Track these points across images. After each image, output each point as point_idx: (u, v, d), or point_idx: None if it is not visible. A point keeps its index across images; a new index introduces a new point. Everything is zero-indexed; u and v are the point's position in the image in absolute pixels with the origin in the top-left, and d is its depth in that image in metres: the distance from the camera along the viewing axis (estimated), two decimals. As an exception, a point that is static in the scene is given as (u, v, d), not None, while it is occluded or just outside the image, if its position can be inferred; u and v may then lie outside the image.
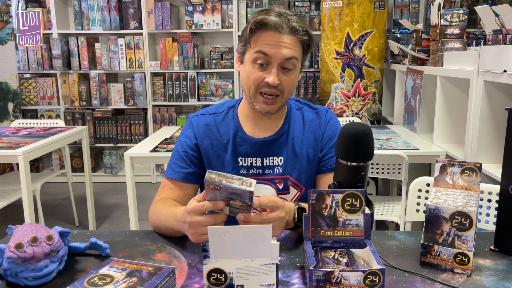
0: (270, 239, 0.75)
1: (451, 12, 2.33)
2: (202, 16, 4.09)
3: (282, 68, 1.13)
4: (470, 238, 0.88)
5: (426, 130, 2.58)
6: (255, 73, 1.14)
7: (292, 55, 1.12)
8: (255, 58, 1.13)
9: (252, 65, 1.14)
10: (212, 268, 0.77)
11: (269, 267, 0.77)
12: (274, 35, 1.11)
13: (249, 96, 1.18)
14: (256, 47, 1.13)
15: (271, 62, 1.12)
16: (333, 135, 1.25)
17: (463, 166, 0.99)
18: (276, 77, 1.12)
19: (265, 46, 1.11)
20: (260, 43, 1.12)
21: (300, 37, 1.14)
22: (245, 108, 1.26)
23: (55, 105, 4.36)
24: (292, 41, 1.12)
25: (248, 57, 1.15)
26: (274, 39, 1.11)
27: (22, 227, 0.90)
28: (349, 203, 0.88)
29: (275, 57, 1.11)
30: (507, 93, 1.83)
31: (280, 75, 1.13)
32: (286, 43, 1.12)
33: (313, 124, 1.27)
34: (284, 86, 1.14)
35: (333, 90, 3.24)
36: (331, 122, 1.27)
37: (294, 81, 1.17)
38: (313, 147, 1.25)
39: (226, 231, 0.75)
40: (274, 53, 1.11)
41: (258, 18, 1.11)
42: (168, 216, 1.09)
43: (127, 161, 2.20)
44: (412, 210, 1.48)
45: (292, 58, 1.12)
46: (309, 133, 1.26)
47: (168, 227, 1.08)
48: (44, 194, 3.90)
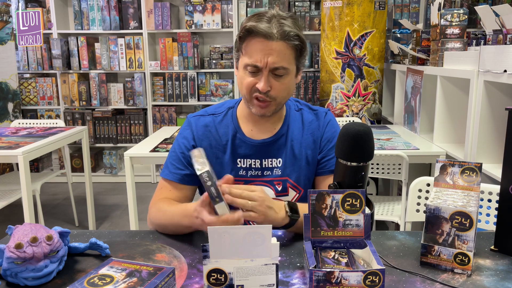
0: (270, 239, 0.75)
1: (451, 12, 2.33)
2: (202, 16, 4.09)
3: (274, 74, 1.12)
4: (470, 238, 0.88)
5: (426, 130, 2.58)
6: (247, 79, 1.14)
7: (280, 64, 1.11)
8: (245, 65, 1.13)
9: (244, 71, 1.15)
10: (212, 268, 0.77)
11: (269, 267, 0.77)
12: (263, 42, 1.09)
13: (245, 100, 1.19)
14: (246, 55, 1.13)
15: (260, 69, 1.12)
16: (332, 137, 1.25)
17: (463, 166, 0.99)
18: (266, 84, 1.11)
19: (254, 54, 1.11)
20: (249, 50, 1.12)
21: (291, 43, 1.11)
22: (244, 109, 1.25)
23: (55, 105, 4.36)
24: (282, 47, 1.10)
25: (241, 64, 1.16)
26: (262, 47, 1.10)
27: (22, 227, 0.90)
28: (349, 203, 0.88)
29: (264, 65, 1.10)
30: (507, 93, 1.83)
31: (272, 81, 1.13)
32: (274, 50, 1.10)
33: (312, 126, 1.26)
34: (275, 92, 1.14)
35: (333, 90, 3.23)
36: (330, 124, 1.27)
37: (287, 86, 1.16)
38: (312, 149, 1.24)
39: (226, 231, 0.75)
40: (263, 62, 1.10)
41: (247, 26, 1.10)
42: (175, 213, 1.11)
43: (127, 161, 2.20)
44: (412, 210, 1.48)
45: (281, 67, 1.11)
46: (308, 135, 1.25)
47: (176, 224, 1.10)
48: (44, 194, 3.90)
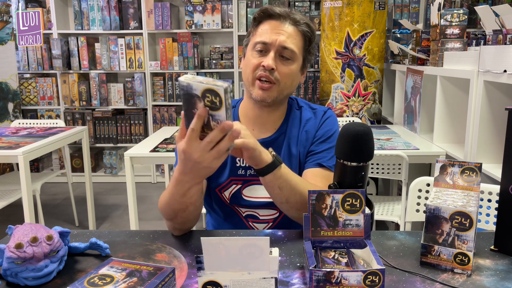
0: (268, 252, 0.72)
1: (451, 12, 2.33)
2: (202, 16, 4.09)
3: (281, 56, 1.15)
4: (470, 238, 0.88)
5: (426, 130, 2.58)
6: (253, 59, 1.16)
7: (289, 45, 1.14)
8: (254, 44, 1.17)
9: (251, 53, 1.18)
10: (207, 281, 0.74)
11: (268, 281, 0.73)
12: (275, 23, 1.16)
13: (248, 85, 1.19)
14: (256, 35, 1.17)
15: (269, 48, 1.15)
16: (325, 133, 1.23)
17: (463, 166, 0.99)
18: (273, 61, 1.13)
19: (264, 33, 1.16)
20: (261, 30, 1.17)
21: (301, 28, 1.17)
22: (246, 108, 1.26)
23: (55, 105, 4.36)
24: (293, 32, 1.16)
25: (250, 45, 1.19)
26: (274, 27, 1.16)
27: (22, 227, 0.90)
28: (349, 203, 0.88)
29: (273, 43, 1.14)
30: (507, 93, 1.83)
31: (278, 63, 1.15)
32: (286, 32, 1.15)
33: (309, 123, 1.25)
34: (280, 75, 1.15)
35: (333, 90, 3.23)
36: (326, 121, 1.26)
37: (292, 73, 1.17)
38: (304, 146, 1.24)
39: (220, 242, 0.72)
40: (272, 39, 1.14)
41: (263, 8, 1.18)
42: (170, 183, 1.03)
43: (127, 161, 2.20)
44: (412, 210, 1.48)
45: (289, 48, 1.14)
46: (304, 133, 1.24)
47: (174, 192, 1.00)
48: (44, 194, 3.90)
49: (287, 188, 1.05)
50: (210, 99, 0.82)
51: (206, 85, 0.81)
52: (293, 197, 1.06)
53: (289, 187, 1.05)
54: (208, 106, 0.83)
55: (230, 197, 1.23)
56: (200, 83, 0.81)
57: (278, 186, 1.04)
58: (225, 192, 1.23)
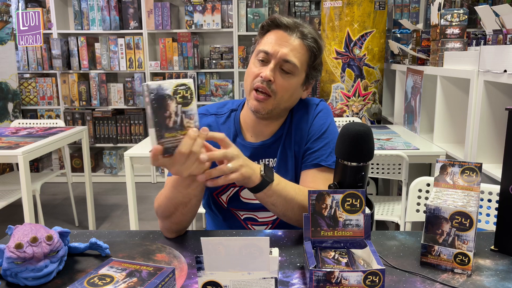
0: (268, 252, 0.72)
1: (451, 12, 2.33)
2: (202, 16, 4.09)
3: (281, 68, 1.12)
4: (470, 238, 0.88)
5: (426, 130, 2.58)
6: (254, 68, 1.14)
7: (291, 58, 1.11)
8: (258, 52, 1.14)
9: (254, 61, 1.15)
10: (207, 281, 0.74)
11: (268, 281, 0.74)
12: (282, 34, 1.13)
13: (246, 94, 1.18)
14: (261, 43, 1.15)
15: (270, 59, 1.12)
16: (319, 129, 1.19)
17: (463, 166, 0.99)
18: (271, 72, 1.10)
19: (269, 42, 1.13)
20: (266, 39, 1.14)
21: (307, 43, 1.13)
22: (245, 114, 1.24)
23: (55, 105, 4.36)
24: (298, 45, 1.12)
25: (254, 53, 1.17)
26: (280, 37, 1.12)
27: (22, 227, 0.90)
28: (349, 203, 0.88)
29: (275, 54, 1.11)
30: (507, 93, 1.83)
31: (277, 75, 1.12)
32: (290, 44, 1.11)
33: (301, 119, 1.22)
34: (277, 88, 1.12)
35: (333, 90, 3.23)
36: (318, 116, 1.21)
37: (291, 87, 1.14)
38: (299, 145, 1.21)
39: (220, 242, 0.72)
40: (275, 50, 1.11)
41: (272, 17, 1.14)
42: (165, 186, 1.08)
43: (127, 161, 2.20)
44: (412, 210, 1.48)
45: (290, 61, 1.11)
46: (297, 131, 1.21)
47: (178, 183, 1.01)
48: (44, 194, 3.90)
49: (281, 203, 1.04)
50: (181, 94, 0.86)
51: (176, 80, 0.86)
52: (290, 211, 1.05)
53: (283, 202, 1.04)
54: (181, 102, 0.86)
55: (227, 201, 1.23)
56: (170, 82, 0.85)
57: (271, 203, 1.04)
58: (223, 196, 1.23)
